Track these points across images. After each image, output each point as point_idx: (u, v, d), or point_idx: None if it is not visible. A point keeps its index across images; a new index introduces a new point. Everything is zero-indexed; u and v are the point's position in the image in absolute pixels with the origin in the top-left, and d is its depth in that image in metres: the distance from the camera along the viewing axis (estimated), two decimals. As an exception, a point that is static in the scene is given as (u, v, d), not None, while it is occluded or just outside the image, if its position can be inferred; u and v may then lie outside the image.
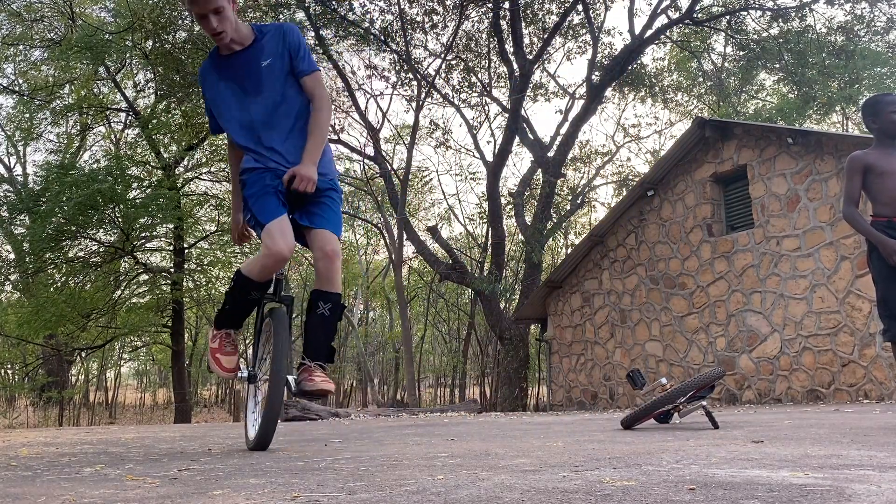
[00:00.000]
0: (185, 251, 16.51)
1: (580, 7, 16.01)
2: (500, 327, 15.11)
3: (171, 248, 16.44)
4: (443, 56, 17.02)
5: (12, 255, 19.64)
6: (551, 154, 16.33)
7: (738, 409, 7.60)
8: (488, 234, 19.64)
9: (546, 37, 16.34)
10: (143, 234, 15.62)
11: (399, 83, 17.75)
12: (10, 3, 17.23)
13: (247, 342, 17.12)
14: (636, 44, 15.43)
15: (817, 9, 28.82)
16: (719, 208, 10.28)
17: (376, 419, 8.33)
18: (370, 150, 17.87)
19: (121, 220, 14.67)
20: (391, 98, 25.87)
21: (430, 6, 16.21)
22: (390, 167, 18.57)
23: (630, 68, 16.31)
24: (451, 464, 2.25)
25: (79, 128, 20.84)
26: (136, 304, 16.70)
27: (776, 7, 15.51)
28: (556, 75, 26.10)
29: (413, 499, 1.54)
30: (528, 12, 16.30)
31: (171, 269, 16.40)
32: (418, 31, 16.75)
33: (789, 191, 9.13)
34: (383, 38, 16.06)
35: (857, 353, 8.20)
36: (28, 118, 20.89)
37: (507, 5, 15.33)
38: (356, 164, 22.35)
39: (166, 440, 4.38)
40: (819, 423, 3.80)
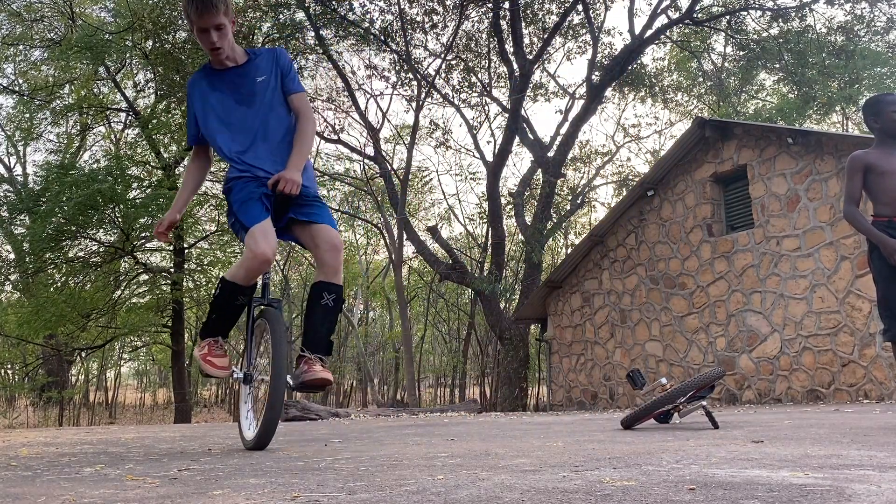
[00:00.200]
0: (185, 251, 16.50)
1: (580, 7, 16.01)
2: (500, 327, 15.10)
3: (171, 248, 16.43)
4: (443, 56, 17.03)
5: (12, 255, 19.65)
6: (551, 154, 16.34)
7: (738, 409, 7.60)
8: (488, 234, 19.64)
9: (546, 37, 16.34)
10: (143, 234, 15.59)
11: (399, 83, 17.77)
12: (10, 3, 17.24)
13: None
14: (636, 44, 15.44)
15: (817, 9, 28.85)
16: (719, 208, 10.28)
17: (376, 419, 8.33)
18: (370, 150, 17.89)
19: (121, 220, 14.67)
20: (391, 98, 25.88)
21: (430, 6, 16.22)
22: (390, 167, 18.58)
23: (630, 68, 16.31)
24: (451, 464, 2.25)
25: (79, 128, 20.85)
26: (136, 304, 16.70)
27: (776, 7, 15.51)
28: (556, 75, 26.16)
29: (413, 499, 1.54)
30: (528, 12, 16.30)
31: (171, 269, 16.40)
32: (418, 31, 16.76)
33: (789, 191, 9.13)
34: (383, 38, 16.07)
35: (857, 353, 8.20)
36: (28, 118, 20.91)
37: (507, 5, 15.33)
38: (356, 164, 22.39)
39: (166, 440, 4.38)
40: (819, 423, 3.79)
